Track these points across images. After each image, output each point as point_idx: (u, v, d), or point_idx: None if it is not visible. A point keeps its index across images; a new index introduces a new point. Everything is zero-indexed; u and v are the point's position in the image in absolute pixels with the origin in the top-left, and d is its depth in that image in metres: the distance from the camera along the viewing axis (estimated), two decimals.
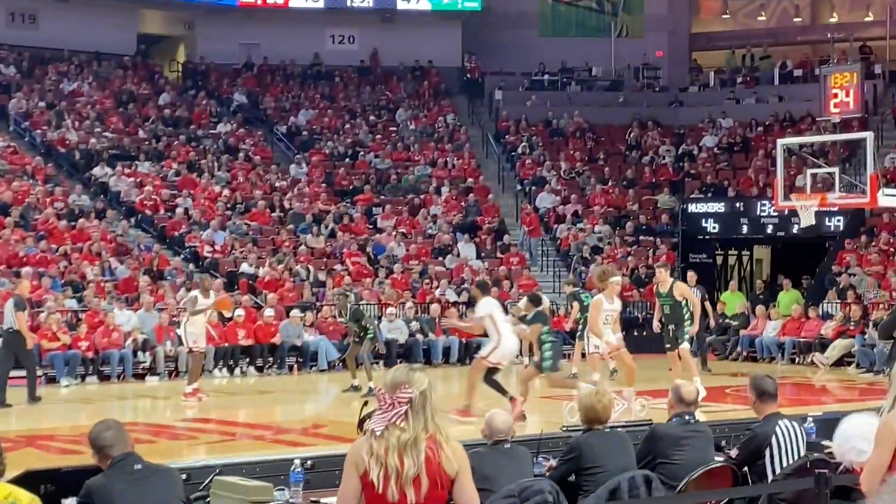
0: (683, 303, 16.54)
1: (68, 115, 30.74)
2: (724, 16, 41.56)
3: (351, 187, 30.67)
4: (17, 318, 17.06)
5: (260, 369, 22.11)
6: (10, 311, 17.18)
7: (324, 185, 30.59)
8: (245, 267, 25.43)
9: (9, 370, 17.27)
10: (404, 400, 4.63)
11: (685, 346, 16.45)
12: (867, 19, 38.65)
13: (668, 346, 16.64)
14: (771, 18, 41.28)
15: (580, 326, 20.65)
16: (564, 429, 10.15)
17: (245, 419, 16.30)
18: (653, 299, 25.78)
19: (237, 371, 21.85)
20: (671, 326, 16.51)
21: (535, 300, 15.37)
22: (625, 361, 15.32)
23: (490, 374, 14.50)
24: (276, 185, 30.08)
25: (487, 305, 14.62)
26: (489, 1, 36.58)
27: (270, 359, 22.32)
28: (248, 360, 22.13)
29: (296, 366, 22.52)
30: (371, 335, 18.44)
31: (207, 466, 8.61)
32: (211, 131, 32.25)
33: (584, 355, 19.58)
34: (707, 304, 22.78)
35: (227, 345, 21.84)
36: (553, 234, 30.28)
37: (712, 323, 23.74)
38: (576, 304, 20.82)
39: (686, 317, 16.56)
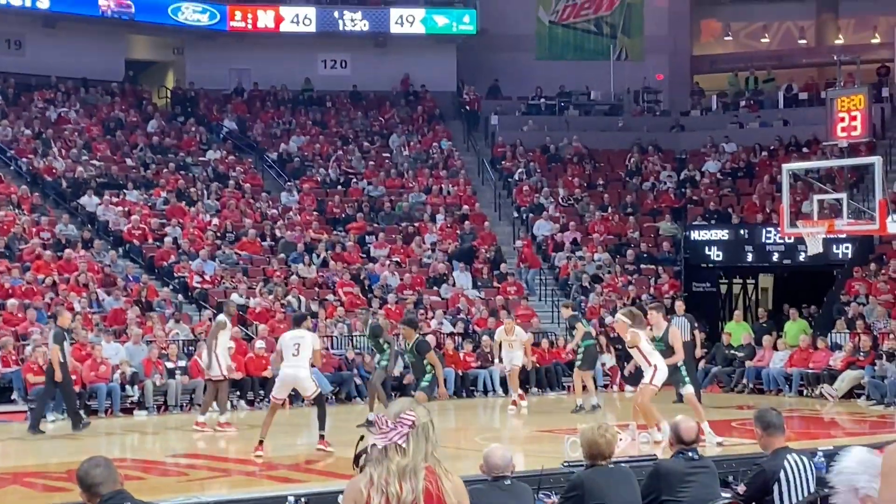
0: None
1: (55, 143, 30.46)
2: (725, 37, 41.17)
3: (343, 215, 30.24)
4: (52, 352, 17.71)
5: (251, 403, 21.87)
6: (51, 342, 17.89)
7: (315, 213, 30.15)
8: (235, 297, 25.03)
9: (73, 394, 18.31)
10: (407, 422, 4.58)
11: (689, 388, 15.67)
12: (874, 41, 38.19)
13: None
14: (774, 40, 40.89)
15: (579, 355, 19.94)
16: (566, 464, 10.07)
17: (236, 455, 16.07)
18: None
19: (228, 405, 21.21)
20: None
21: (412, 324, 16.68)
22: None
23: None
24: (267, 213, 29.71)
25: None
26: (484, 24, 36.12)
27: (262, 392, 21.94)
28: (238, 393, 21.83)
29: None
30: (385, 360, 18.40)
31: None
32: (200, 158, 31.91)
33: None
34: (697, 332, 22.17)
35: None
36: (551, 262, 29.67)
37: (699, 352, 22.84)
38: (580, 326, 20.17)
39: (680, 365, 15.72)
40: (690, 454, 8.06)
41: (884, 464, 5.12)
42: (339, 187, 31.74)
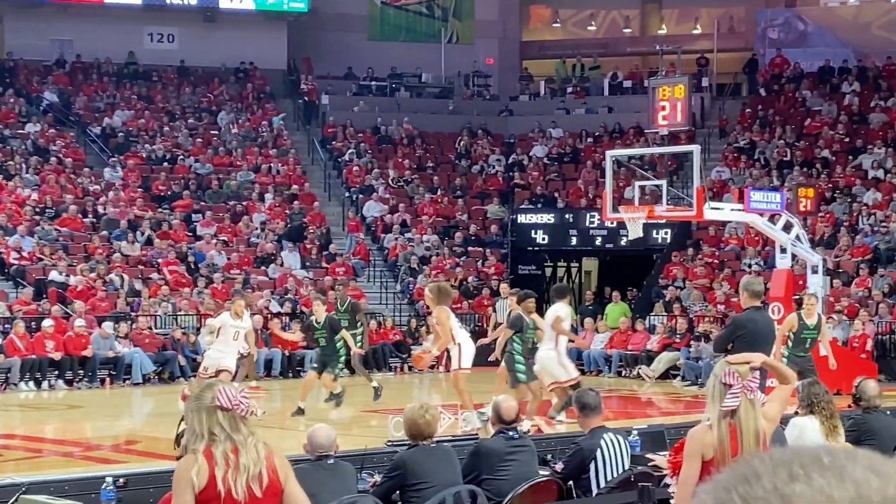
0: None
1: None
2: (554, 24, 41.78)
3: (169, 192, 29.65)
4: None
5: (70, 382, 21.33)
6: None
7: (140, 189, 29.51)
8: (55, 275, 24.53)
9: None
10: (247, 398, 4.73)
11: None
12: (695, 32, 39.31)
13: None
14: (601, 28, 41.70)
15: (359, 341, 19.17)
16: (389, 444, 10.09)
17: (53, 435, 15.89)
18: (483, 310, 25.57)
19: (45, 384, 21.02)
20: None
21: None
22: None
23: None
24: (90, 189, 28.93)
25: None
26: (316, 2, 35.85)
27: (81, 372, 21.52)
28: (56, 373, 21.34)
29: (108, 379, 21.75)
30: (360, 340, 18.35)
31: (12, 485, 8.32)
32: (19, 131, 30.85)
33: None
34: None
35: (34, 357, 21.02)
36: (380, 243, 29.72)
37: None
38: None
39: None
40: (511, 433, 8.22)
41: (686, 446, 5.33)
42: (166, 164, 31.09)
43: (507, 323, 15.50)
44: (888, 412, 9.35)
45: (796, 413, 8.33)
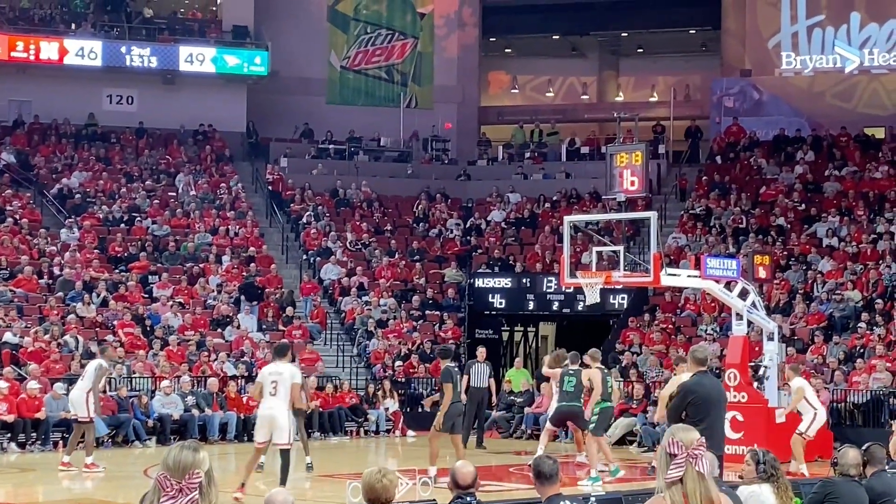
0: None
1: None
2: (512, 90, 42.16)
3: (126, 254, 29.45)
4: None
5: (22, 445, 21.07)
6: None
7: (97, 251, 29.32)
8: (8, 336, 24.34)
9: None
10: (195, 485, 4.38)
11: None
12: (652, 99, 39.79)
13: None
14: (558, 94, 42.16)
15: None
16: None
17: (5, 498, 15.71)
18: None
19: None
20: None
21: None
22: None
23: None
24: (45, 249, 28.72)
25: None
26: (276, 66, 35.92)
27: (34, 434, 21.27)
28: (9, 435, 21.05)
29: (61, 442, 21.24)
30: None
31: None
32: None
33: None
34: (492, 380, 22.54)
35: None
36: (337, 306, 29.65)
37: (494, 400, 23.40)
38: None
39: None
40: (468, 499, 8.16)
41: None
42: (123, 225, 30.94)
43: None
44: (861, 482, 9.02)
45: (740, 478, 8.31)
